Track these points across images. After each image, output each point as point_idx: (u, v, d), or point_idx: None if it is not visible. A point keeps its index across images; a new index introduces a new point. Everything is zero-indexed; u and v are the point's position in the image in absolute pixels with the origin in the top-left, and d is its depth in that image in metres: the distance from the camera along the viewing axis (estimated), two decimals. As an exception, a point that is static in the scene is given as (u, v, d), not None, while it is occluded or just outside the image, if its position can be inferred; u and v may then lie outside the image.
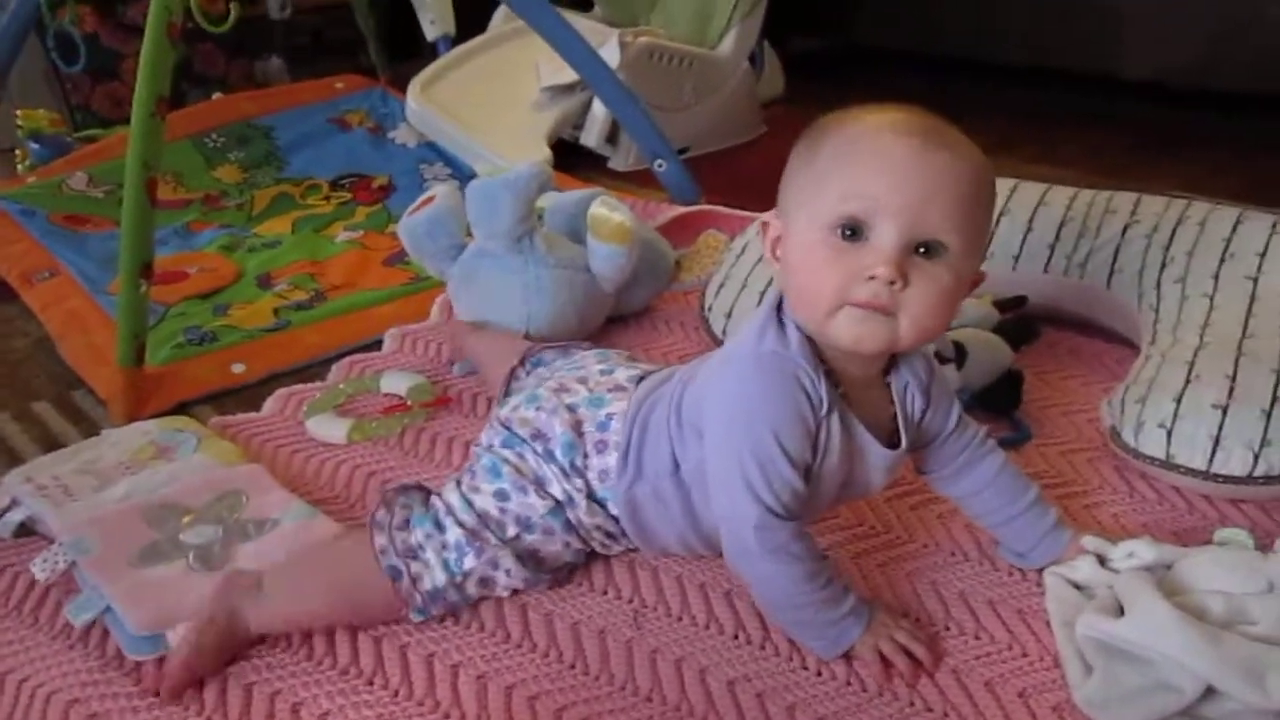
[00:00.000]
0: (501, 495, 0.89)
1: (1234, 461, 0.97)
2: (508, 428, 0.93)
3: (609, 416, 0.90)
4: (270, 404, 1.25)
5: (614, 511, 0.90)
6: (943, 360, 1.13)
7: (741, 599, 0.90)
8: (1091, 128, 2.23)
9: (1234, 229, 1.21)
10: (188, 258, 1.69)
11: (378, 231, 1.79)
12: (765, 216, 0.82)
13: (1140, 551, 0.85)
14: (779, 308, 0.82)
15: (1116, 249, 1.27)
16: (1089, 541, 0.88)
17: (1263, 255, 1.16)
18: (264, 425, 1.20)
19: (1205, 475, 0.98)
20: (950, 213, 0.74)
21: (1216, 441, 0.97)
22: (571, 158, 2.08)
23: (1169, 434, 0.99)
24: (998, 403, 1.14)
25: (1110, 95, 2.35)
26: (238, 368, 1.33)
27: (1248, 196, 1.73)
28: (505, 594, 0.90)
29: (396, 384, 1.24)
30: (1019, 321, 1.23)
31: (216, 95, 2.26)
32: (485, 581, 0.88)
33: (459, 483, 0.91)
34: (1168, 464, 0.99)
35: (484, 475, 0.91)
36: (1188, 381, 1.02)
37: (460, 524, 0.88)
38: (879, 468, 0.85)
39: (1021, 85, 2.47)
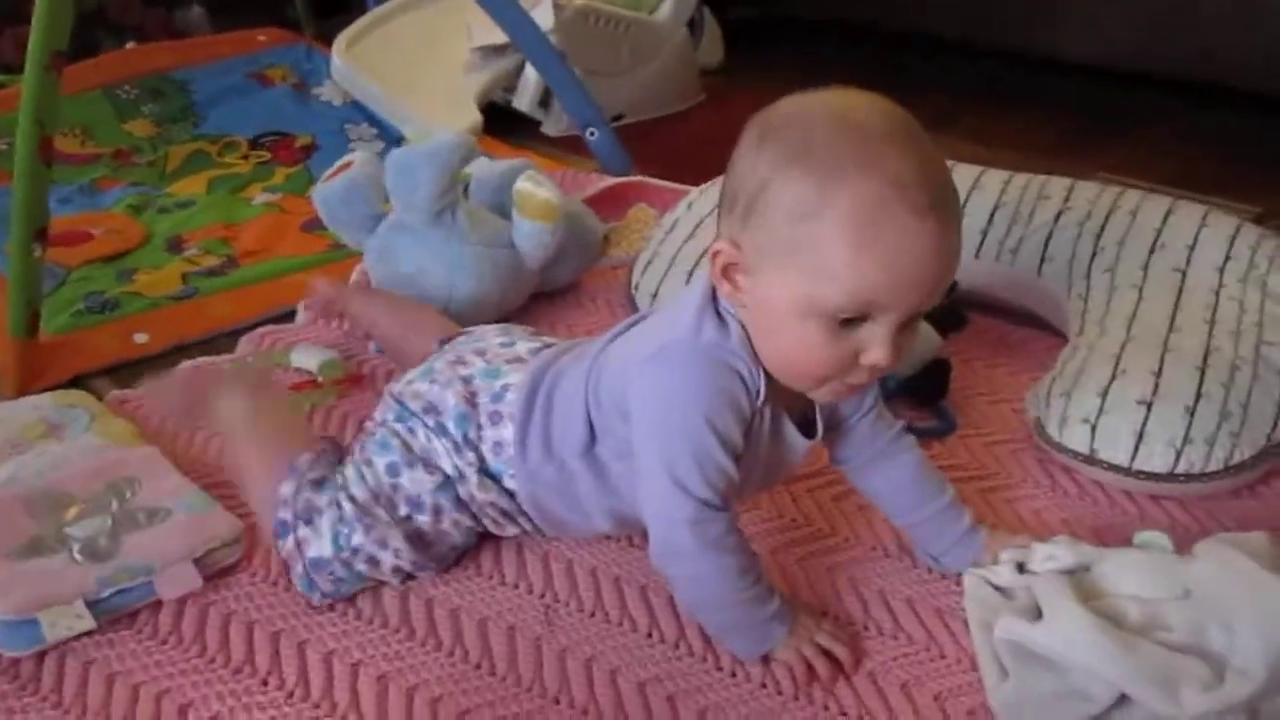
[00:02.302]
0: (393, 470, 0.87)
1: (1156, 458, 0.96)
2: (400, 402, 0.90)
3: (504, 388, 0.88)
4: (174, 377, 1.19)
5: (509, 486, 0.87)
6: (870, 347, 1.11)
7: (658, 595, 0.87)
8: (1030, 107, 2.22)
9: (1165, 219, 1.20)
10: (92, 218, 1.61)
11: (297, 194, 1.71)
12: (717, 245, 0.75)
13: (1059, 555, 0.83)
14: (715, 296, 0.78)
15: (1048, 236, 1.25)
16: (1007, 554, 0.86)
17: (1191, 248, 1.16)
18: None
19: (1127, 471, 0.97)
20: (943, 285, 0.72)
21: (1140, 437, 0.96)
22: (503, 122, 2.02)
23: (1093, 429, 0.98)
24: (924, 392, 1.12)
25: (1051, 75, 2.34)
26: (140, 338, 1.27)
27: (1181, 183, 1.73)
28: (392, 578, 0.87)
29: (307, 359, 1.19)
30: (948, 308, 1.21)
31: (130, 45, 2.16)
32: (372, 561, 0.85)
33: (354, 455, 0.90)
34: (1091, 459, 0.98)
35: (375, 449, 0.89)
36: (1113, 376, 1.01)
37: (352, 498, 0.86)
38: (797, 455, 0.84)
39: (961, 61, 2.46)
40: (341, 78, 1.96)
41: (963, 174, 1.33)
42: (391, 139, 1.92)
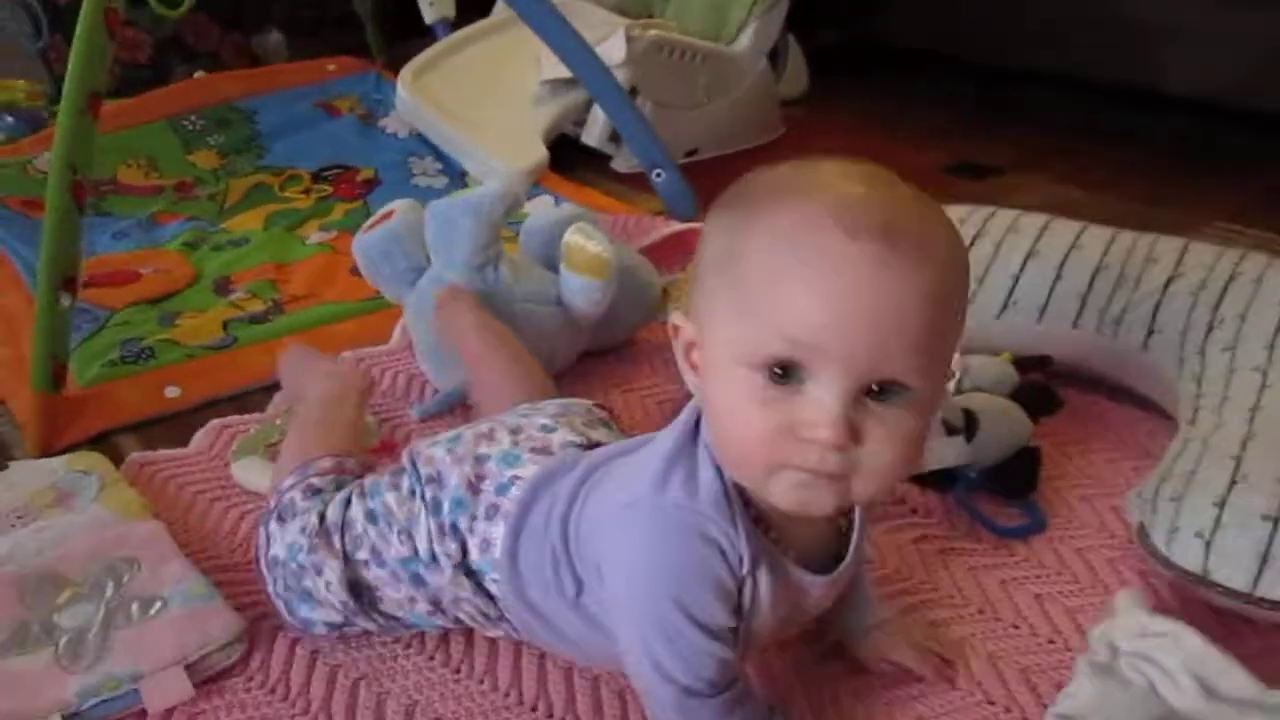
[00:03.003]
0: (371, 517, 0.80)
1: (1283, 585, 0.82)
2: (413, 461, 0.82)
3: (513, 480, 0.77)
4: (199, 438, 1.12)
5: (491, 590, 0.77)
6: (950, 430, 1.00)
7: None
8: (1128, 146, 2.06)
9: (1294, 291, 1.05)
10: (144, 255, 1.57)
11: (352, 233, 1.65)
12: (676, 318, 0.65)
13: (1161, 654, 0.73)
14: (695, 428, 0.66)
15: (1157, 305, 1.12)
16: (1126, 598, 0.76)
17: (1326, 326, 1.01)
18: (187, 464, 1.08)
19: (1248, 599, 0.83)
20: (915, 345, 0.57)
21: (1264, 559, 0.83)
22: (572, 155, 1.94)
23: (1208, 545, 0.85)
24: (1009, 484, 1.00)
25: (1150, 111, 2.18)
26: (172, 391, 1.21)
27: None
28: (335, 613, 0.80)
29: (338, 423, 1.11)
30: (1040, 388, 1.08)
31: (199, 74, 2.13)
32: (311, 585, 0.80)
33: (364, 482, 0.83)
34: (1204, 580, 0.85)
35: (371, 487, 0.82)
36: (1233, 482, 0.87)
37: (323, 516, 0.81)
38: (823, 595, 0.72)
39: (1053, 94, 2.30)
40: (406, 110, 1.90)
41: (1061, 231, 1.21)
42: (455, 174, 1.86)
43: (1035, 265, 1.17)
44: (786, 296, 0.57)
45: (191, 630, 0.81)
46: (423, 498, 0.79)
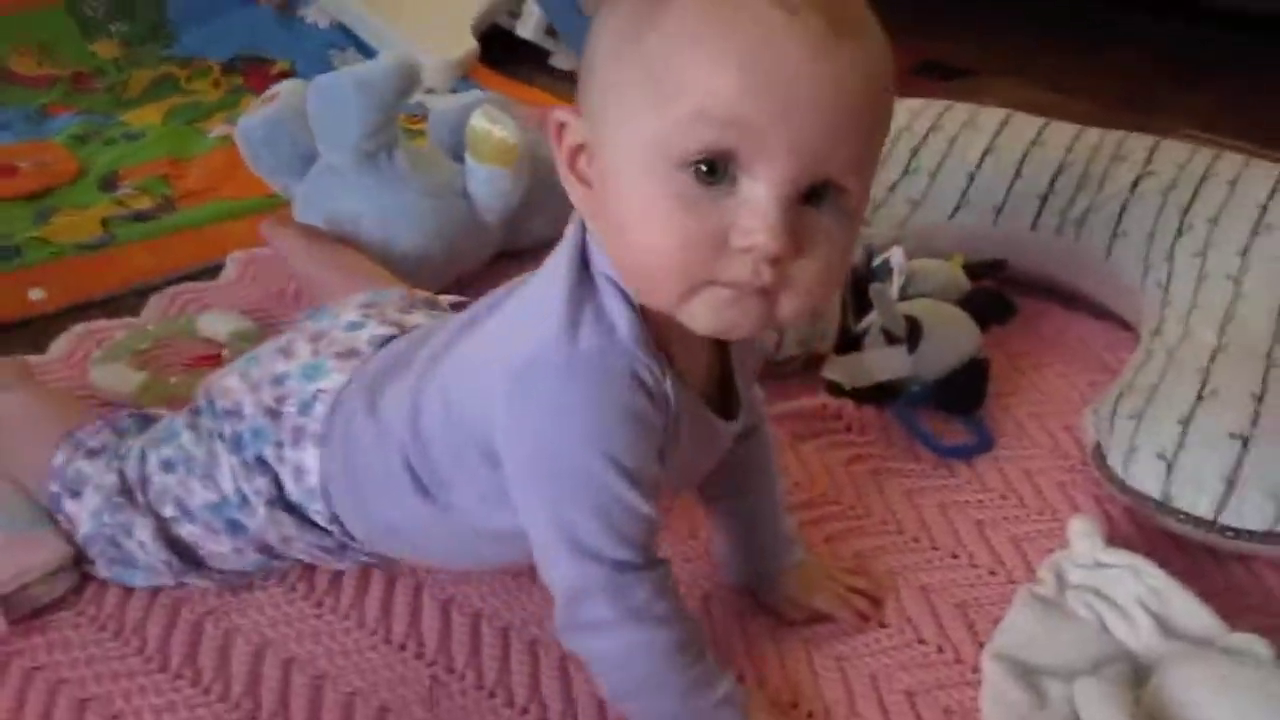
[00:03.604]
0: (167, 465, 0.70)
1: (1251, 511, 0.73)
2: (208, 396, 0.71)
3: (316, 395, 0.67)
4: (59, 344, 1.00)
5: (319, 522, 0.68)
6: (891, 340, 0.90)
7: (580, 668, 0.67)
8: (1107, 48, 1.95)
9: (1272, 192, 0.96)
10: (24, 149, 1.42)
11: (259, 127, 1.51)
12: (561, 113, 0.54)
13: (1112, 565, 0.67)
14: (585, 257, 0.56)
15: (1123, 206, 1.02)
16: (1079, 525, 0.71)
17: (1307, 229, 0.92)
18: (41, 373, 0.95)
19: (1211, 526, 0.74)
20: (855, 145, 0.49)
21: (1231, 483, 0.74)
22: (510, 51, 1.80)
23: (1169, 467, 0.76)
24: (954, 399, 0.91)
25: (1130, 11, 2.06)
26: (36, 294, 1.08)
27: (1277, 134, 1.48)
28: (143, 579, 0.71)
29: (216, 326, 1.00)
30: (991, 293, 0.98)
31: (101, -45, 1.95)
32: (121, 547, 0.71)
33: (157, 427, 0.73)
34: (1164, 506, 0.76)
35: (163, 433, 0.72)
36: (1200, 398, 0.78)
37: (120, 472, 0.71)
38: (722, 445, 0.64)
39: (1032, -2, 2.18)
40: (327, -3, 1.75)
41: (1021, 126, 1.10)
42: (379, 67, 1.72)
43: (992, 162, 1.07)
44: (717, 70, 0.47)
45: (8, 559, 0.70)
46: (221, 436, 0.69)
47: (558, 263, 0.57)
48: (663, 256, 0.50)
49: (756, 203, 0.48)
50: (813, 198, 0.50)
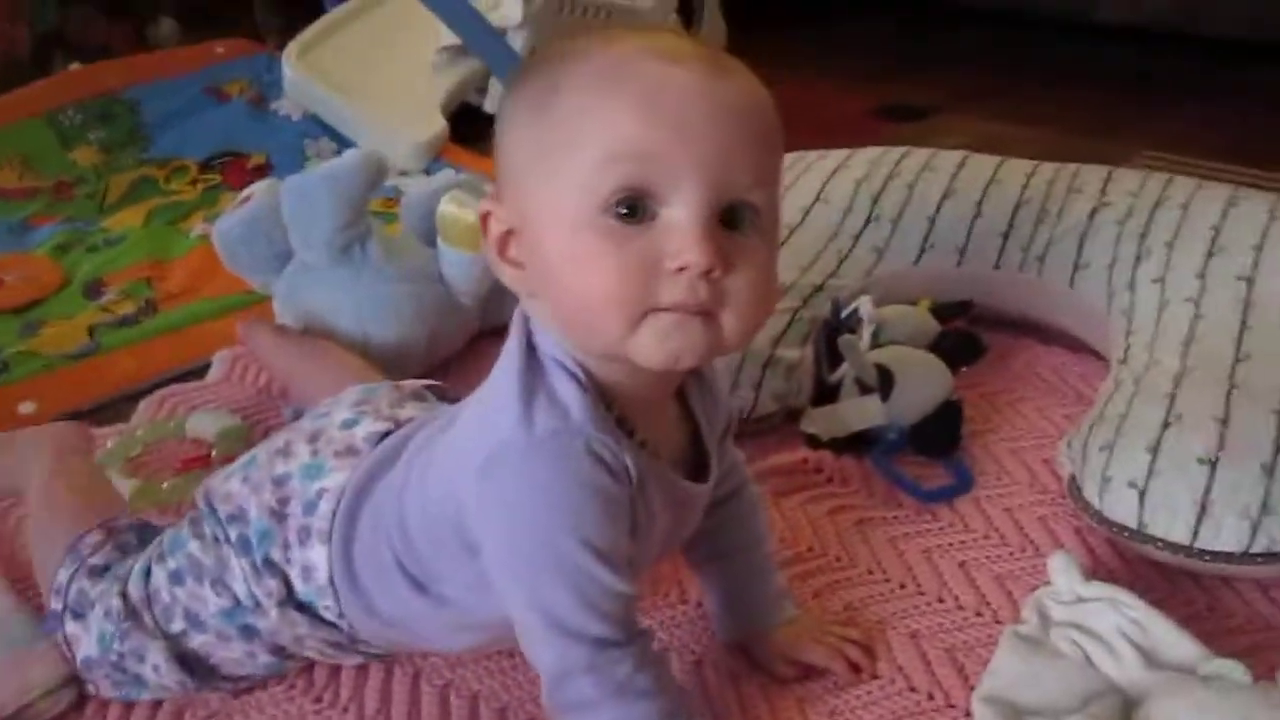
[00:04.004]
0: (175, 577, 0.71)
1: (1225, 533, 0.75)
2: (209, 501, 0.72)
3: (320, 494, 0.68)
4: (53, 456, 1.02)
5: (329, 618, 0.68)
6: (864, 389, 0.91)
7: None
8: (1061, 80, 1.99)
9: (1224, 214, 0.98)
10: (8, 262, 1.44)
11: (238, 224, 1.54)
12: (484, 204, 0.58)
13: (1095, 621, 0.68)
14: (531, 344, 0.59)
15: (1082, 238, 1.04)
16: (1058, 562, 0.71)
17: (1259, 248, 0.94)
18: (36, 487, 0.97)
19: (1189, 551, 0.76)
20: (755, 161, 0.54)
21: (1203, 508, 0.75)
22: (481, 127, 1.83)
23: (1142, 495, 0.77)
24: (931, 442, 0.92)
25: (1083, 43, 2.10)
26: (26, 407, 1.10)
27: (1238, 155, 1.51)
28: (150, 695, 0.72)
29: (204, 426, 1.02)
30: (960, 334, 1.00)
31: (74, 66, 2.00)
32: (139, 671, 0.70)
33: (161, 542, 0.73)
34: (1140, 534, 0.77)
35: (169, 545, 0.72)
36: (1166, 424, 0.80)
37: (124, 595, 0.71)
38: (697, 508, 0.66)
39: (984, 31, 2.22)
40: (294, 89, 1.79)
41: (979, 167, 1.13)
42: (352, 153, 1.75)
43: (952, 204, 1.10)
44: (618, 116, 0.52)
45: (8, 679, 0.71)
46: (228, 540, 0.69)
47: (508, 353, 0.59)
48: (601, 293, 0.53)
49: (679, 226, 0.52)
50: (729, 222, 0.54)
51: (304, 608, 0.68)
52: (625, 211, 0.52)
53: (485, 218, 0.58)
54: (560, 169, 0.53)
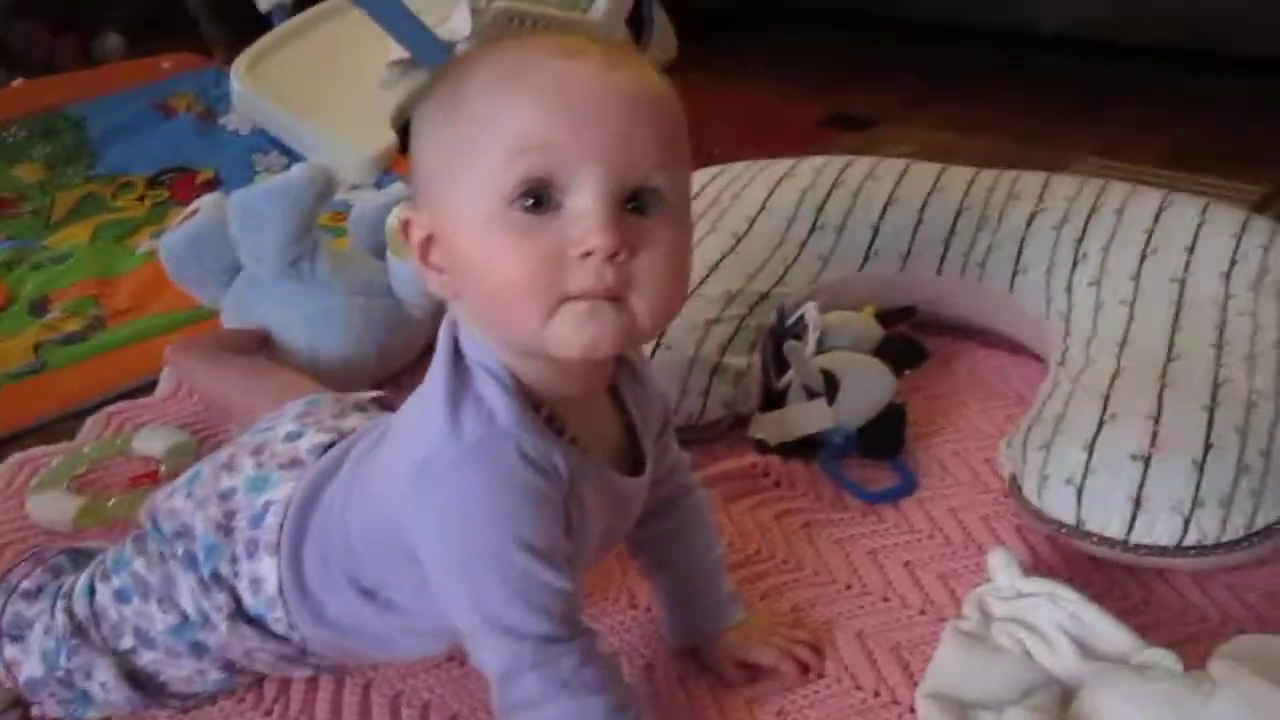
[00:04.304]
0: (121, 596, 0.71)
1: (1159, 528, 0.77)
2: (154, 519, 0.72)
3: (266, 506, 0.68)
4: (-3, 475, 1.01)
5: (277, 630, 0.68)
6: (810, 394, 0.93)
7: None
8: (1002, 87, 2.03)
9: (1156, 218, 1.01)
10: (-49, 281, 1.43)
11: (187, 239, 1.53)
12: (402, 212, 0.60)
13: (1034, 615, 0.70)
14: (457, 351, 0.59)
15: (1021, 243, 1.07)
16: (998, 559, 0.73)
17: (1190, 250, 0.97)
18: (-20, 507, 0.96)
19: (1125, 546, 0.78)
20: (656, 146, 0.55)
21: (1137, 503, 0.77)
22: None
23: (1079, 492, 0.79)
24: (876, 445, 0.94)
25: (1023, 52, 2.15)
26: (-30, 424, 1.09)
27: (1178, 161, 1.55)
28: (97, 713, 0.72)
29: (151, 443, 1.01)
30: (903, 339, 1.02)
31: (18, 82, 1.97)
32: (81, 689, 0.70)
33: (104, 561, 0.73)
34: (1078, 530, 0.79)
35: (113, 564, 0.72)
36: (1101, 423, 0.82)
37: (69, 611, 0.71)
38: (634, 503, 0.67)
39: (932, 43, 2.26)
40: (242, 103, 1.78)
41: (920, 175, 1.15)
42: (302, 167, 1.74)
43: (895, 212, 1.11)
44: (517, 111, 0.54)
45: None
46: (175, 556, 0.69)
47: (436, 361, 0.60)
48: (512, 284, 0.54)
49: (582, 211, 0.53)
50: (636, 207, 0.55)
51: (253, 621, 0.68)
52: (530, 203, 0.53)
53: (406, 225, 0.59)
54: (467, 168, 0.55)
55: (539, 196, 0.53)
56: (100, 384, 1.15)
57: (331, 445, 0.71)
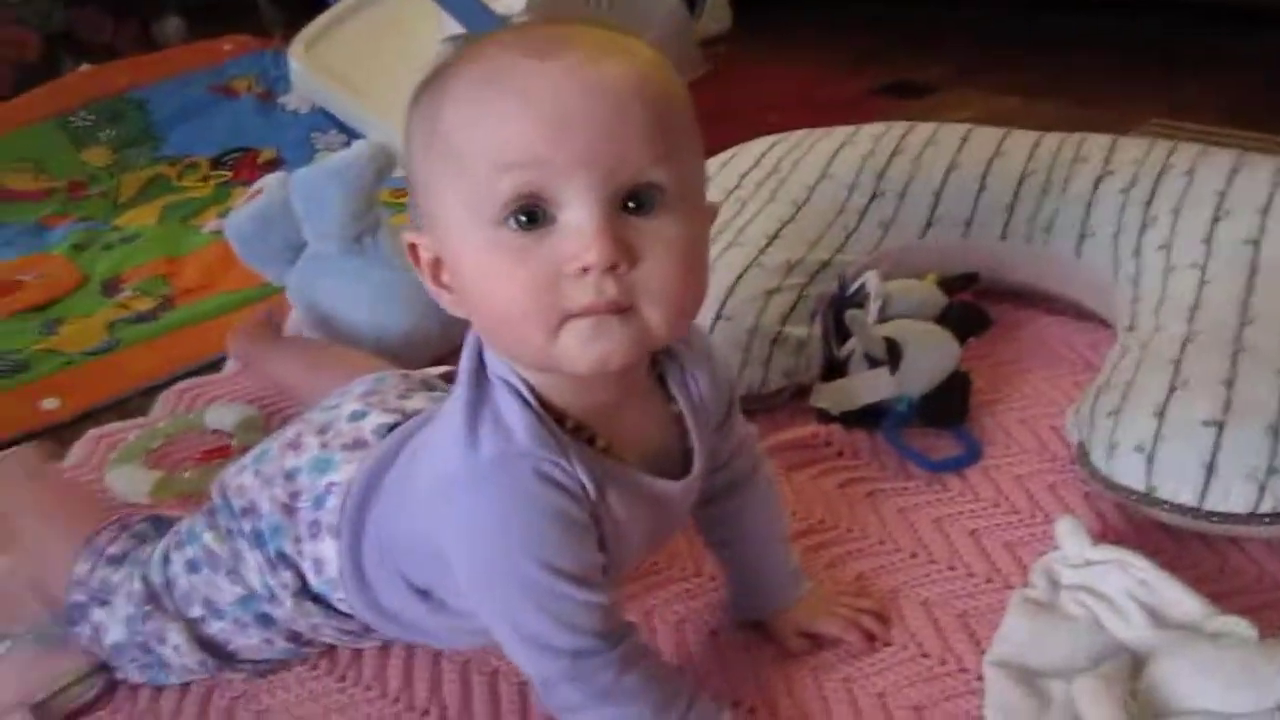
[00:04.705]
0: (192, 566, 0.72)
1: (1233, 495, 0.75)
2: (224, 495, 0.73)
3: (329, 488, 0.68)
4: (76, 451, 1.04)
5: (343, 609, 0.70)
6: (873, 363, 0.92)
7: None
8: (1064, 50, 1.99)
9: (1229, 178, 0.98)
10: (27, 262, 1.47)
11: (250, 218, 1.56)
12: (410, 234, 0.57)
13: (1101, 562, 0.69)
14: (481, 363, 0.58)
15: (1087, 207, 1.05)
16: (1066, 526, 0.72)
17: (1265, 212, 0.94)
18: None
19: (1196, 513, 0.76)
20: (649, 138, 0.51)
21: (1210, 469, 0.76)
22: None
23: (1149, 459, 0.78)
24: (940, 414, 0.93)
25: (1085, 13, 2.10)
26: (49, 403, 1.12)
27: (1242, 119, 1.50)
28: (176, 678, 0.74)
29: (222, 418, 1.04)
30: (966, 306, 1.01)
31: (84, 67, 2.01)
32: (157, 654, 0.72)
33: (179, 531, 0.74)
34: (1148, 498, 0.78)
35: (186, 534, 0.74)
36: (1172, 389, 0.80)
37: (145, 579, 0.73)
38: (679, 505, 0.64)
39: (989, 5, 2.22)
40: (301, 83, 1.80)
41: (982, 140, 1.13)
42: (361, 145, 1.76)
43: (957, 178, 1.10)
44: (496, 127, 0.51)
45: (37, 669, 0.73)
46: (242, 533, 0.71)
47: (460, 375, 0.58)
48: (514, 306, 0.52)
49: (575, 225, 0.50)
50: (637, 207, 0.51)
51: (318, 599, 0.69)
52: (524, 220, 0.51)
53: (413, 248, 0.57)
54: (455, 187, 0.52)
55: (530, 213, 0.51)
56: (171, 361, 1.18)
57: (395, 426, 0.71)
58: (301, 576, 0.69)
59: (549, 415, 0.56)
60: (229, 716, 0.73)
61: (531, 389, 0.56)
